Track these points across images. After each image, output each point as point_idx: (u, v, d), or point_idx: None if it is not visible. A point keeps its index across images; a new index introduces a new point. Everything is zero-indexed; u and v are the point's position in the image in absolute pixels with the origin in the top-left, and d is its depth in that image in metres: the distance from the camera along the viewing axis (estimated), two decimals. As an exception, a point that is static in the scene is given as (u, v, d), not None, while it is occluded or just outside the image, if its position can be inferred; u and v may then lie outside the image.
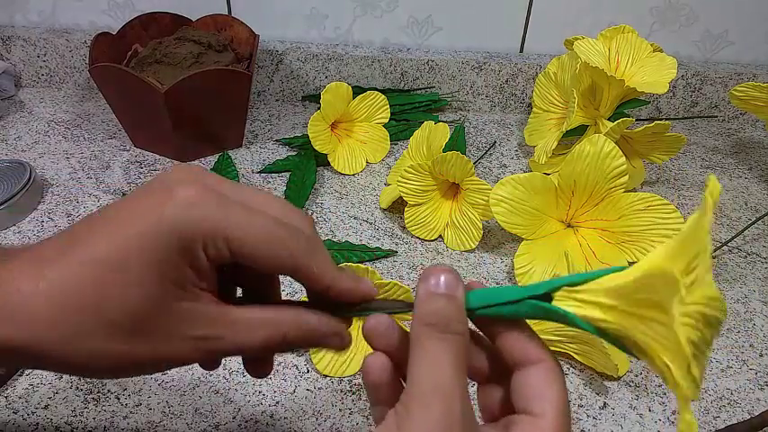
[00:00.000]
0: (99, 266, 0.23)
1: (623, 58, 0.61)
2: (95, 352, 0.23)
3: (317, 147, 0.63)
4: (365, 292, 0.27)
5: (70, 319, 0.22)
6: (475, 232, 0.55)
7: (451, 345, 0.23)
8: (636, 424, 0.42)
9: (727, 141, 0.77)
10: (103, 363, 0.23)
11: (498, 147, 0.73)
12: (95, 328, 0.23)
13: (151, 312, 0.23)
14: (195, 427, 0.40)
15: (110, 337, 0.23)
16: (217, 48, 0.67)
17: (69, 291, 0.23)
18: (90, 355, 0.23)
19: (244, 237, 0.24)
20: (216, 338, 0.25)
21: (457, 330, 0.24)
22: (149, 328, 0.23)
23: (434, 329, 0.23)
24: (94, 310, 0.23)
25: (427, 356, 0.23)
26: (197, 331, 0.24)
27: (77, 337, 0.23)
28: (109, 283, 0.23)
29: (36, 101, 0.76)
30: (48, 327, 0.22)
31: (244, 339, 0.25)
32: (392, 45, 0.80)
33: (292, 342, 0.26)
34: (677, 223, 0.49)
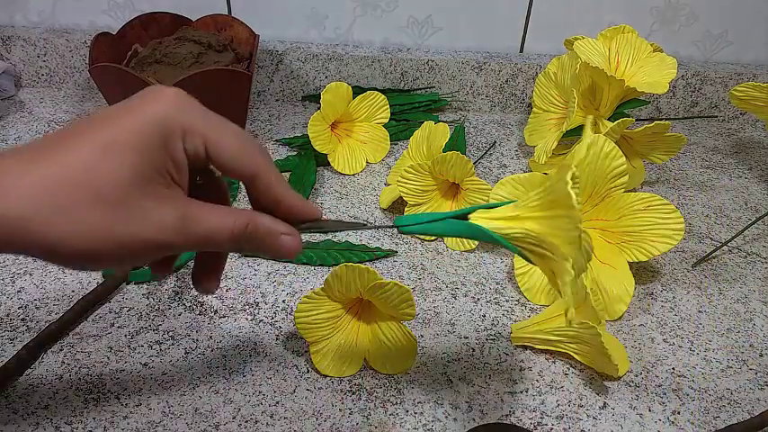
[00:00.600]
0: (88, 148, 0.25)
1: (623, 58, 0.61)
2: (77, 223, 0.24)
3: (317, 147, 0.63)
4: (309, 211, 0.31)
5: (56, 191, 0.24)
6: (475, 232, 0.55)
7: None
8: (636, 424, 0.42)
9: (727, 141, 0.77)
10: (83, 236, 0.24)
11: (498, 147, 0.73)
12: (79, 197, 0.24)
13: (135, 188, 0.25)
14: (195, 427, 0.40)
15: (93, 207, 0.24)
16: (217, 48, 0.67)
17: (57, 169, 0.24)
18: (70, 226, 0.24)
19: (219, 139, 0.28)
20: (192, 218, 0.27)
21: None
22: (132, 204, 0.25)
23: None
24: (82, 186, 0.24)
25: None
26: (177, 211, 0.27)
27: (61, 208, 0.24)
28: (97, 160, 0.25)
29: (36, 101, 0.76)
30: (33, 201, 0.24)
31: (216, 222, 0.28)
32: (392, 45, 0.80)
33: (252, 234, 0.29)
34: (677, 223, 0.49)
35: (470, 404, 0.43)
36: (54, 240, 0.24)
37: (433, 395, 0.43)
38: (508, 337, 0.48)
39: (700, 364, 0.47)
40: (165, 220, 0.26)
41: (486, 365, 0.46)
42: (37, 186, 0.24)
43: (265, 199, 0.30)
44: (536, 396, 0.44)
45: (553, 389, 0.45)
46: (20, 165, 0.24)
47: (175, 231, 0.27)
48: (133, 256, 0.26)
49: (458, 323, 0.49)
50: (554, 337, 0.45)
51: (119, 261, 0.26)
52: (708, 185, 0.69)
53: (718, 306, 0.53)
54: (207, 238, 0.28)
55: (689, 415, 0.43)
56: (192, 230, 0.27)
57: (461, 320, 0.50)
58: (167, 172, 0.27)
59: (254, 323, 0.48)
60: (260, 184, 0.30)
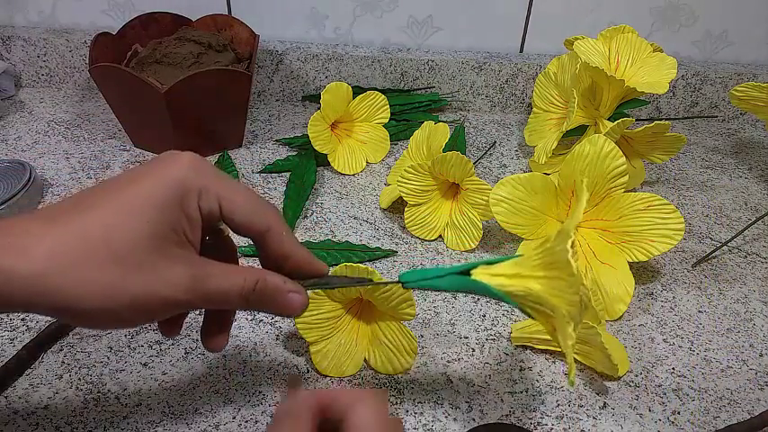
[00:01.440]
0: (107, 209, 0.26)
1: (623, 58, 0.61)
2: (93, 281, 0.25)
3: (317, 147, 0.63)
4: (317, 267, 0.33)
5: (73, 250, 0.25)
6: (475, 232, 0.55)
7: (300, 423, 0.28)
8: (636, 424, 0.42)
9: (727, 141, 0.77)
10: (99, 294, 0.25)
11: (498, 147, 0.73)
12: (96, 256, 0.25)
13: (151, 248, 0.26)
14: (195, 427, 0.40)
15: (109, 266, 0.25)
16: (217, 48, 0.67)
17: (75, 228, 0.25)
18: (86, 284, 0.25)
19: (232, 198, 0.29)
20: (204, 277, 0.28)
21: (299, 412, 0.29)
22: (147, 263, 0.26)
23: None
24: (99, 246, 0.25)
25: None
26: (189, 269, 0.28)
27: (76, 266, 0.25)
28: (115, 221, 0.26)
29: (36, 101, 0.76)
30: (52, 259, 0.25)
31: (226, 280, 0.29)
32: (392, 45, 0.80)
33: (261, 292, 0.30)
34: (677, 223, 0.49)
35: (470, 404, 0.43)
36: (69, 299, 0.25)
37: (433, 395, 0.43)
38: (508, 337, 0.48)
39: (700, 364, 0.47)
40: (178, 278, 0.27)
41: (486, 365, 0.46)
42: (55, 246, 0.25)
43: (275, 254, 0.32)
44: (536, 396, 0.44)
45: (553, 389, 0.45)
46: (40, 225, 0.25)
47: (187, 289, 0.28)
48: (146, 314, 0.27)
49: (458, 323, 0.49)
50: (554, 337, 0.45)
51: (131, 319, 0.27)
52: (708, 185, 0.69)
53: (719, 306, 0.53)
54: (218, 295, 0.29)
55: (689, 415, 0.43)
56: (203, 289, 0.28)
57: (461, 320, 0.50)
58: (182, 230, 0.28)
59: (254, 323, 0.48)
60: (271, 240, 0.31)
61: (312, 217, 0.60)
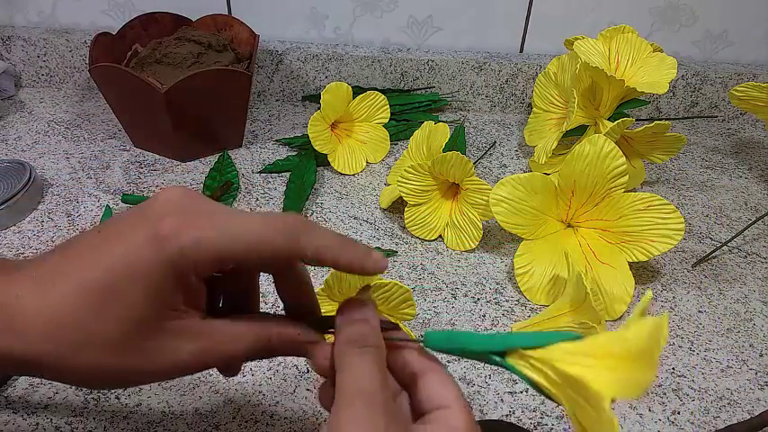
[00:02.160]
0: (95, 290, 0.24)
1: (623, 58, 0.61)
2: (90, 366, 0.25)
3: (317, 147, 0.63)
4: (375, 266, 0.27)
5: (67, 336, 0.24)
6: (475, 232, 0.55)
7: (370, 355, 0.26)
8: (636, 424, 0.42)
9: (727, 141, 0.77)
10: (98, 376, 0.25)
11: (498, 147, 0.73)
12: (90, 344, 0.24)
13: (144, 331, 0.25)
14: (195, 427, 0.40)
15: (105, 353, 0.25)
16: (217, 48, 0.67)
17: (67, 310, 0.24)
18: (86, 368, 0.25)
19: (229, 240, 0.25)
20: (206, 350, 0.26)
21: (373, 343, 0.27)
22: (142, 345, 0.25)
23: (353, 345, 0.27)
24: (90, 329, 0.24)
25: (350, 367, 0.26)
26: (188, 345, 0.26)
27: (73, 352, 0.24)
28: (105, 306, 0.24)
29: (36, 101, 0.76)
30: (45, 340, 0.24)
31: (232, 348, 0.27)
32: (392, 45, 0.80)
33: (275, 349, 0.28)
34: (677, 223, 0.49)
35: (470, 404, 0.43)
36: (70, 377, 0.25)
37: (433, 395, 0.43)
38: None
39: (700, 364, 0.47)
40: (182, 355, 0.26)
41: (487, 365, 0.46)
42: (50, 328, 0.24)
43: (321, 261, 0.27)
44: (536, 396, 0.44)
45: (553, 389, 0.44)
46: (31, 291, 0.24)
47: (194, 361, 0.26)
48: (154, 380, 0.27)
49: (458, 323, 0.49)
50: (554, 338, 0.45)
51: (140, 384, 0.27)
52: (708, 185, 0.69)
53: (719, 306, 0.53)
54: (226, 359, 0.27)
55: (689, 415, 0.43)
56: (212, 359, 0.27)
57: (461, 320, 0.50)
58: (180, 304, 0.26)
59: (254, 323, 0.48)
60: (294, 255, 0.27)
61: (312, 217, 0.60)
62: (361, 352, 0.26)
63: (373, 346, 0.27)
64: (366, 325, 0.28)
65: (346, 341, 0.27)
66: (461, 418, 0.26)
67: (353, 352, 0.26)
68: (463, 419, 0.26)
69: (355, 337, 0.27)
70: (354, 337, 0.27)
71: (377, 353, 0.27)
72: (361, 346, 0.27)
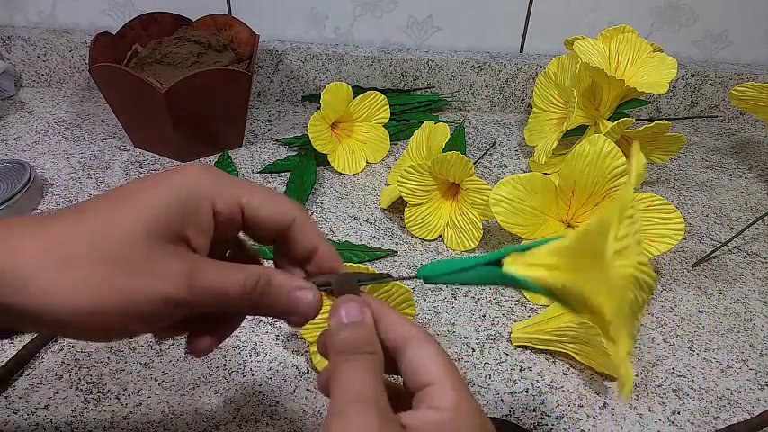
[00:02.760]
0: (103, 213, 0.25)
1: (623, 58, 0.61)
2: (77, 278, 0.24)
3: (317, 147, 0.63)
4: (338, 264, 0.30)
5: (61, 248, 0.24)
6: (475, 232, 0.55)
7: (362, 362, 0.26)
8: (636, 424, 0.42)
9: (727, 141, 0.77)
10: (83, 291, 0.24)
11: (498, 147, 0.73)
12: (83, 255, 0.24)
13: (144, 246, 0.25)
14: (195, 427, 0.40)
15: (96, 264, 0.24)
16: (217, 48, 0.67)
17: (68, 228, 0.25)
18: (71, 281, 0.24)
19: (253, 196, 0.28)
20: (200, 271, 0.26)
21: (365, 350, 0.26)
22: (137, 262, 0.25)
23: (344, 354, 0.26)
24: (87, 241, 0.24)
25: (341, 377, 0.25)
26: (184, 264, 0.26)
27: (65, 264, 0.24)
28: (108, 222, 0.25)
29: (36, 101, 0.76)
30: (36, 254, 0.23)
31: (224, 278, 0.27)
32: (392, 45, 0.80)
33: (264, 288, 0.27)
34: (677, 223, 0.49)
35: (470, 404, 0.43)
36: (55, 300, 0.23)
37: (433, 395, 0.43)
38: (508, 337, 0.48)
39: (700, 364, 0.47)
40: (172, 272, 0.25)
41: (486, 365, 0.46)
42: (45, 245, 0.24)
43: (303, 247, 0.29)
44: (536, 396, 0.44)
45: (553, 389, 0.45)
46: (33, 225, 0.24)
47: (182, 284, 0.25)
48: (137, 318, 0.25)
49: (458, 323, 0.49)
50: (554, 337, 0.45)
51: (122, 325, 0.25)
52: (708, 185, 0.69)
53: (719, 306, 0.53)
54: (215, 293, 0.26)
55: (689, 415, 0.43)
56: (199, 284, 0.26)
57: (461, 320, 0.50)
58: (184, 236, 0.26)
59: (254, 323, 0.48)
60: (298, 232, 0.29)
61: (312, 217, 0.60)
62: (353, 359, 0.26)
63: (365, 353, 0.26)
64: (359, 329, 0.27)
65: (338, 350, 0.26)
66: (450, 396, 0.25)
67: (344, 359, 0.26)
68: (452, 398, 0.25)
69: (346, 345, 0.26)
70: (345, 345, 0.26)
71: (370, 358, 0.26)
72: (352, 353, 0.26)
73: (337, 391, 0.25)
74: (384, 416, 0.24)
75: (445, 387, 0.25)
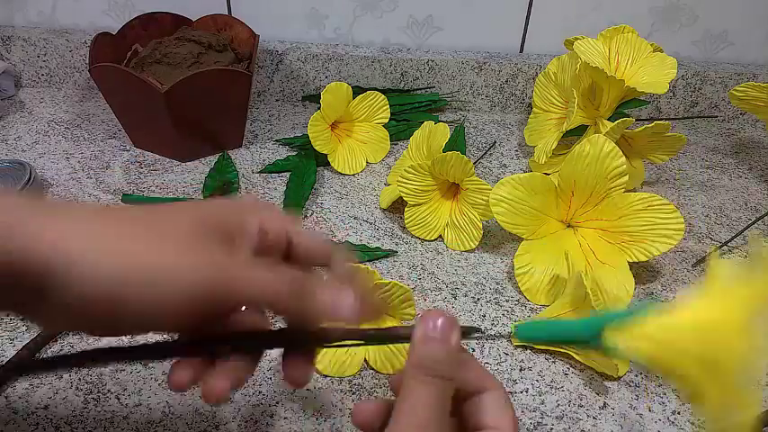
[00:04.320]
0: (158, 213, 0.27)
1: (623, 58, 0.61)
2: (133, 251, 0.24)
3: (317, 147, 0.63)
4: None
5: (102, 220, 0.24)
6: (475, 232, 0.55)
7: (436, 388, 0.25)
8: (636, 424, 0.42)
9: (727, 141, 0.77)
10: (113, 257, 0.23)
11: (498, 147, 0.73)
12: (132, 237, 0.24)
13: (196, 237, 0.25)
14: (195, 427, 0.40)
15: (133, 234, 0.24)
16: (217, 48, 0.67)
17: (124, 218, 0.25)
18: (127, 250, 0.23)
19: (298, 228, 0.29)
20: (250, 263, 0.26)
21: (443, 374, 0.25)
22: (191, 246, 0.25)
23: (422, 372, 0.25)
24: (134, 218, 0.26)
25: (411, 396, 0.25)
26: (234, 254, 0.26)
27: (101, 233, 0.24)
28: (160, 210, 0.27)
29: (36, 101, 0.76)
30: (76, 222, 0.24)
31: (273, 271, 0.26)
32: (392, 45, 0.80)
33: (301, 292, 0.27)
34: (677, 223, 0.49)
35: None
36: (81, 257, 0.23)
37: (433, 395, 0.43)
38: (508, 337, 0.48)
39: (700, 364, 0.47)
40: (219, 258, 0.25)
41: (486, 365, 0.46)
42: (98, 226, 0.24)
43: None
44: (536, 396, 0.44)
45: (553, 389, 0.45)
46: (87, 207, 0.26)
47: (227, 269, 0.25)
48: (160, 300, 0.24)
49: (458, 323, 0.49)
50: (554, 337, 0.45)
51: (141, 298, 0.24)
52: (708, 185, 0.69)
53: (718, 306, 0.52)
54: (260, 284, 0.26)
55: (689, 415, 0.43)
56: (231, 274, 0.25)
57: (461, 320, 0.50)
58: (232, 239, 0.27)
59: (254, 323, 0.48)
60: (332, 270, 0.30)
61: (312, 217, 0.60)
62: (427, 381, 0.25)
63: (441, 378, 0.25)
64: (443, 348, 0.26)
65: (417, 364, 0.25)
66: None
67: (420, 380, 0.25)
68: None
69: (427, 362, 0.25)
70: (426, 362, 0.25)
71: (444, 385, 0.25)
72: (430, 374, 0.25)
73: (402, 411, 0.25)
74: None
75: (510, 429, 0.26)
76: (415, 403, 0.25)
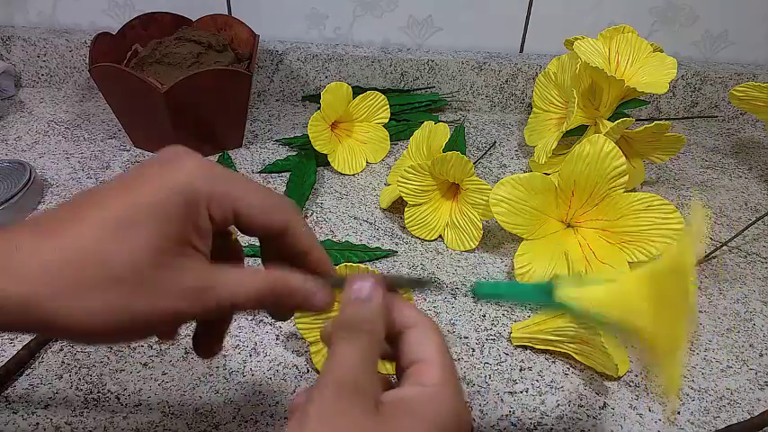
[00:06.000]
0: (105, 224, 0.24)
1: (623, 58, 0.61)
2: (88, 302, 0.23)
3: (317, 147, 0.63)
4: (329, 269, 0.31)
5: (69, 270, 0.23)
6: (475, 232, 0.55)
7: (359, 343, 0.26)
8: (636, 424, 0.42)
9: (727, 141, 0.77)
10: (95, 315, 0.23)
11: (498, 147, 0.73)
12: (93, 277, 0.23)
13: (153, 265, 0.24)
14: (195, 427, 0.40)
15: (109, 290, 0.23)
16: (217, 48, 0.67)
17: (70, 243, 0.23)
18: (82, 305, 0.23)
19: (248, 198, 0.27)
20: (215, 286, 0.26)
21: (365, 329, 0.26)
22: (149, 282, 0.24)
23: (343, 330, 0.26)
24: (97, 265, 0.23)
25: (335, 354, 0.26)
26: (194, 282, 0.25)
27: (72, 288, 0.23)
28: (114, 239, 0.24)
29: (36, 101, 0.76)
30: (46, 281, 0.23)
31: (237, 288, 0.26)
32: (392, 45, 0.80)
33: (280, 295, 0.28)
34: (677, 223, 0.49)
35: (470, 404, 0.43)
36: (67, 323, 0.23)
37: (433, 395, 0.43)
38: (508, 337, 0.48)
39: (700, 364, 0.47)
40: (185, 289, 0.25)
41: (486, 365, 0.46)
42: (48, 264, 0.23)
43: (293, 251, 0.29)
44: (536, 396, 0.44)
45: (553, 389, 0.45)
46: (32, 240, 0.24)
47: (196, 300, 0.25)
48: (148, 331, 0.26)
49: (458, 323, 0.49)
50: (554, 337, 0.45)
51: (133, 337, 0.26)
52: (708, 185, 0.69)
53: (718, 306, 0.53)
54: (231, 303, 0.26)
55: (689, 415, 0.43)
56: (215, 297, 0.26)
57: (461, 320, 0.50)
58: (189, 242, 0.26)
59: (254, 323, 0.48)
60: (290, 237, 0.29)
61: (312, 217, 0.60)
62: (348, 337, 0.26)
63: (366, 331, 0.26)
64: (365, 307, 0.27)
65: (339, 324, 0.26)
66: (436, 373, 0.25)
67: (341, 337, 0.26)
68: (438, 375, 0.25)
69: (347, 321, 0.27)
70: (346, 321, 0.27)
71: (365, 337, 0.26)
72: (352, 331, 0.26)
73: (328, 369, 0.25)
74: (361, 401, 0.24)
75: (433, 365, 0.26)
76: (339, 360, 0.25)
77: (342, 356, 0.25)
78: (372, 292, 0.27)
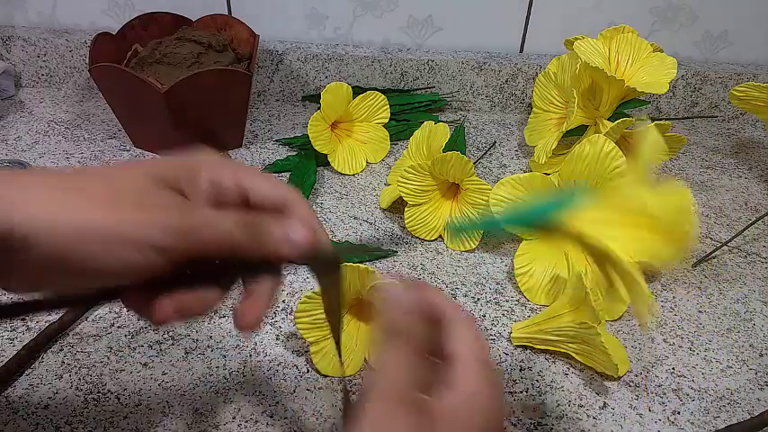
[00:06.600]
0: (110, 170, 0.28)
1: (623, 58, 0.61)
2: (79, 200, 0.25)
3: (317, 147, 0.63)
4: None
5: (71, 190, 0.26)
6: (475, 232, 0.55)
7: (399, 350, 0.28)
8: (636, 424, 0.42)
9: (727, 141, 0.77)
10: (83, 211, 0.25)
11: (498, 147, 0.73)
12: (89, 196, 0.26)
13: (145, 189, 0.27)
14: (195, 427, 0.40)
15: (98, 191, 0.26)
16: (217, 48, 0.67)
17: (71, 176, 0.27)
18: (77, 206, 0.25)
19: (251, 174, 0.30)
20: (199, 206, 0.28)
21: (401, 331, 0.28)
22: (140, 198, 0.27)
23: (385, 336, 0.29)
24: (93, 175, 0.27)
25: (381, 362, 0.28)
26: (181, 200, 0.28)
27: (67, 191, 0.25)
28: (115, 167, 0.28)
29: (36, 101, 0.76)
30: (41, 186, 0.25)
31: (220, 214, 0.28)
32: (392, 45, 0.80)
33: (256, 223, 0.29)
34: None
35: (470, 404, 0.43)
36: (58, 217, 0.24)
37: (433, 395, 0.43)
38: (508, 337, 0.48)
39: (700, 364, 0.47)
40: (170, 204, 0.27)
41: (486, 365, 0.46)
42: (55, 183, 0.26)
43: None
44: (536, 396, 0.44)
45: (553, 389, 0.45)
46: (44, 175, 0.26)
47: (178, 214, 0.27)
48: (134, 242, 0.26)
49: (458, 323, 0.49)
50: (554, 337, 0.45)
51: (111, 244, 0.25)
52: (708, 185, 0.69)
53: (718, 306, 0.53)
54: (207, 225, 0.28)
55: (689, 415, 0.43)
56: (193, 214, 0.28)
57: (461, 320, 0.50)
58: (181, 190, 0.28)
59: (254, 323, 0.48)
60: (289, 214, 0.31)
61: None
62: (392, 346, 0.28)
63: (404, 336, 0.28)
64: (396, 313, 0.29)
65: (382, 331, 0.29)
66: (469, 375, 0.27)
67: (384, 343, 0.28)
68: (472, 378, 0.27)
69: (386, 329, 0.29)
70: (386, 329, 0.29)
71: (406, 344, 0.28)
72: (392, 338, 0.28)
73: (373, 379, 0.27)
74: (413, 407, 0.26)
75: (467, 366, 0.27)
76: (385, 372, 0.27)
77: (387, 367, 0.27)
78: (398, 296, 0.29)
